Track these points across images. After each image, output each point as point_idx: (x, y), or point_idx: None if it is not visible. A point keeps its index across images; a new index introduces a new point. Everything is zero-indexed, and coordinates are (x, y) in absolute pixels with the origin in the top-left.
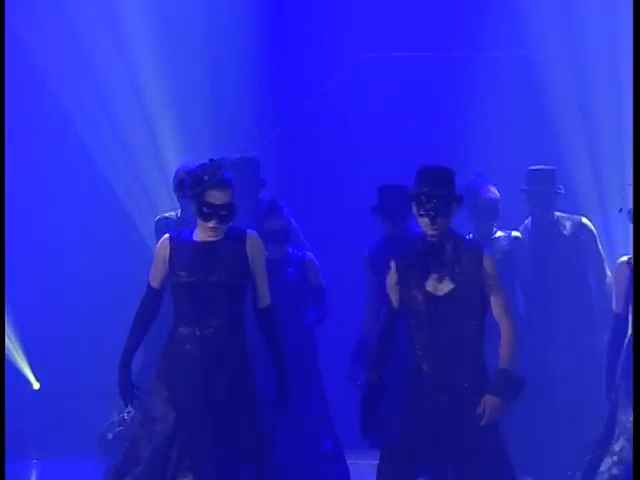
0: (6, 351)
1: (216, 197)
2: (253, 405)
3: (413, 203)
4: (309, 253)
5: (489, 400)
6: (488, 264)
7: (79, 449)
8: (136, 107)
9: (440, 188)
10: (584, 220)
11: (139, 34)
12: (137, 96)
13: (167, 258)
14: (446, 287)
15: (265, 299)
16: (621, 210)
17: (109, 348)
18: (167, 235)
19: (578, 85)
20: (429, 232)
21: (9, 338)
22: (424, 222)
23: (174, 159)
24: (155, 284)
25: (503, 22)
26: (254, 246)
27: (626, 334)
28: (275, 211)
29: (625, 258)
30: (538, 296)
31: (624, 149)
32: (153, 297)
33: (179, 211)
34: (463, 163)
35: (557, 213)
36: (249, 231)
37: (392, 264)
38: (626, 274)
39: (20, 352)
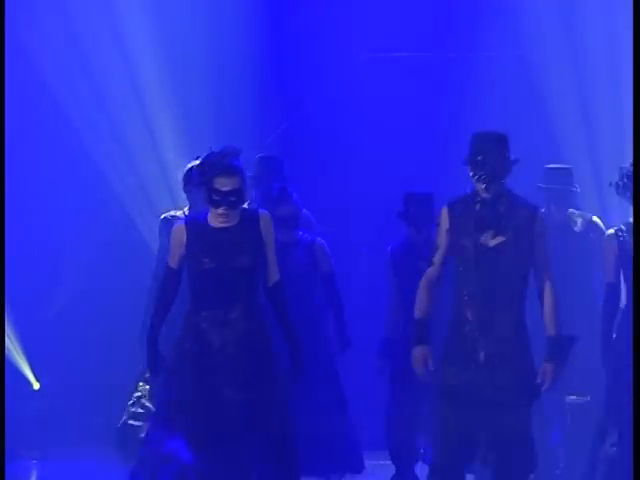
0: (6, 351)
1: (224, 184)
2: (279, 386)
3: (468, 168)
4: (319, 239)
5: (547, 368)
6: (540, 223)
7: (79, 449)
8: (136, 107)
9: (494, 155)
10: (595, 219)
11: (139, 34)
12: (137, 96)
13: (184, 242)
14: (497, 239)
15: (275, 276)
16: (611, 184)
17: (109, 348)
18: (182, 220)
19: (578, 85)
20: (484, 195)
21: (9, 338)
22: (479, 187)
23: (174, 159)
24: (174, 265)
25: (503, 22)
26: (266, 225)
27: (619, 302)
28: (285, 197)
29: (612, 230)
30: None
31: (624, 149)
32: (173, 276)
33: (186, 209)
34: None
35: (569, 210)
36: (261, 211)
37: (444, 211)
38: (615, 245)
39: (20, 352)
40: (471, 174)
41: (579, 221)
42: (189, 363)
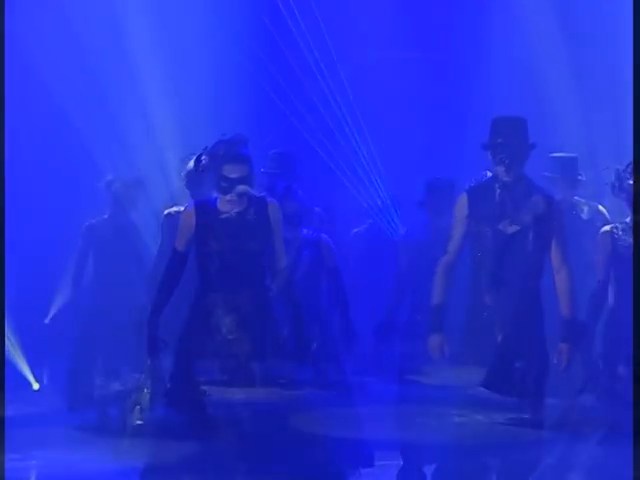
0: (6, 351)
1: (232, 171)
2: (287, 368)
3: (488, 152)
4: (324, 235)
5: (563, 348)
6: (558, 209)
7: (79, 449)
8: (136, 107)
9: (514, 139)
10: (600, 208)
11: (139, 33)
12: (137, 96)
13: (194, 225)
14: (516, 226)
15: (283, 260)
16: (607, 185)
17: (109, 347)
18: (192, 205)
19: (578, 84)
20: (504, 178)
21: (9, 339)
22: (499, 170)
23: (174, 159)
24: (181, 248)
25: (503, 21)
26: (275, 212)
27: (605, 299)
28: (290, 195)
29: (608, 227)
30: None
31: (624, 149)
32: (179, 259)
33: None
34: (467, 161)
35: (575, 197)
36: (269, 198)
37: (463, 197)
38: (608, 243)
39: (20, 352)
40: (491, 157)
41: (585, 209)
42: (196, 345)
